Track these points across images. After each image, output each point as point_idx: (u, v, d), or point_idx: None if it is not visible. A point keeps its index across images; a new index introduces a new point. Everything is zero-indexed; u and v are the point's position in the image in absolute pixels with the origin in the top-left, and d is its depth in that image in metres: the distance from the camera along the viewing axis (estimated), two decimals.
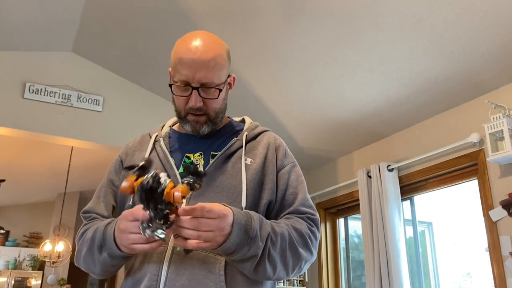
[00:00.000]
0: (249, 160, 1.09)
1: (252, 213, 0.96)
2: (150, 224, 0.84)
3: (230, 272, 0.98)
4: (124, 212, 0.93)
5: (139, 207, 0.88)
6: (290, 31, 2.69)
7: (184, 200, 0.87)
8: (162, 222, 0.83)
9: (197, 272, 0.96)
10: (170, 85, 1.08)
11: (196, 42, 1.06)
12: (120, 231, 0.93)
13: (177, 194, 0.80)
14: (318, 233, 1.10)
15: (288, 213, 1.09)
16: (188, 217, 0.86)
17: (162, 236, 0.84)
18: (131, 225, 0.90)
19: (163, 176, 0.82)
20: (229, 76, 1.14)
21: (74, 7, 2.95)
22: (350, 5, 2.40)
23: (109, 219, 1.03)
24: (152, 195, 0.81)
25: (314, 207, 1.13)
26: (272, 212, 1.10)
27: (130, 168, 0.87)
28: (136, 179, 0.83)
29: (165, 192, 0.81)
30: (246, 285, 1.00)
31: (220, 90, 1.08)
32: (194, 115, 1.10)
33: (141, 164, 0.85)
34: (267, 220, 0.99)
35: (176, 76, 1.06)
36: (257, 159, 1.10)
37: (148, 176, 0.82)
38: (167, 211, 0.83)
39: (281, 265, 0.98)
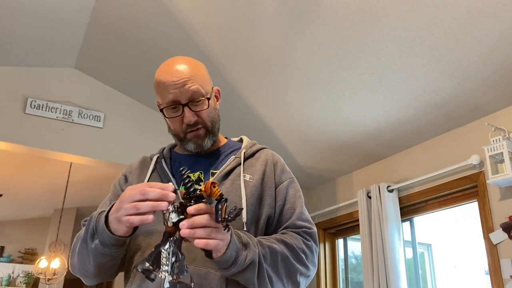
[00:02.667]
0: (248, 177, 1.12)
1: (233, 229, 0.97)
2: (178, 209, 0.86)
3: None
4: (133, 185, 0.90)
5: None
6: (291, 51, 2.72)
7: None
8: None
9: None
10: (162, 110, 1.12)
11: (173, 65, 1.11)
12: (121, 201, 0.89)
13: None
14: (315, 246, 1.10)
15: (285, 228, 1.10)
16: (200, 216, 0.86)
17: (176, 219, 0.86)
18: (135, 192, 0.87)
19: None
20: (212, 88, 1.18)
21: (78, 24, 2.98)
22: (351, 27, 2.43)
23: (103, 209, 1.01)
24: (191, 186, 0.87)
25: (311, 220, 1.15)
26: (271, 227, 1.12)
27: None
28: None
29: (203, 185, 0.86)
30: None
31: (208, 99, 1.11)
32: (193, 131, 1.12)
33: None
34: (252, 236, 1.00)
35: (163, 101, 1.11)
36: (255, 175, 1.13)
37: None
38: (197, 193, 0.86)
39: (276, 277, 0.99)
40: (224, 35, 2.76)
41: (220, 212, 0.84)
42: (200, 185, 0.87)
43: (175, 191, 0.88)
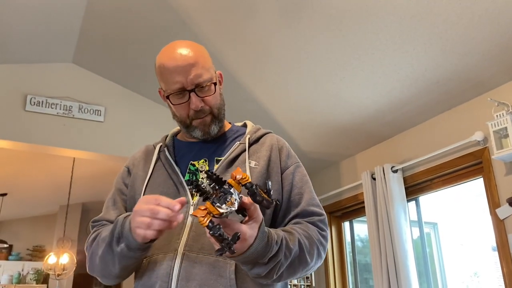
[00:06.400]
0: (253, 163, 1.10)
1: (269, 229, 0.95)
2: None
3: (240, 275, 0.98)
4: (147, 196, 0.92)
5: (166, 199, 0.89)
6: (290, 35, 2.69)
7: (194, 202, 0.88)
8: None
9: (207, 277, 0.96)
10: (167, 97, 1.09)
11: (175, 49, 1.08)
12: (133, 213, 0.93)
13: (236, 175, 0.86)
14: (328, 233, 1.10)
15: (296, 215, 1.09)
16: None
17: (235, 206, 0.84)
18: (145, 208, 0.89)
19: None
20: (215, 73, 1.15)
21: (73, 18, 2.96)
22: (349, 7, 2.40)
23: (129, 212, 1.02)
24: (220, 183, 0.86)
25: (321, 205, 1.14)
26: (279, 213, 1.11)
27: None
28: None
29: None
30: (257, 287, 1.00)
31: (215, 84, 1.10)
32: (199, 118, 1.10)
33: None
34: (281, 234, 0.97)
35: (168, 87, 1.07)
36: (261, 161, 1.11)
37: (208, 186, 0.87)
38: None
39: (289, 274, 1.00)
40: (220, 22, 2.73)
41: (257, 194, 0.84)
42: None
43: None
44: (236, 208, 0.84)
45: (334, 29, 2.57)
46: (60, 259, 4.93)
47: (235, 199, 0.83)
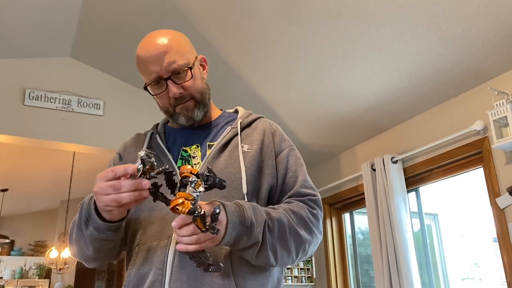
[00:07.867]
0: (246, 147, 1.10)
1: (243, 202, 0.95)
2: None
3: (235, 261, 0.98)
4: (102, 173, 0.88)
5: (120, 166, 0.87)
6: (288, 27, 2.68)
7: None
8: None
9: None
10: (146, 88, 1.10)
11: (150, 39, 1.09)
12: (95, 194, 0.89)
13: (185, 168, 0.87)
14: (320, 213, 1.10)
15: (289, 197, 1.09)
16: (184, 227, 0.86)
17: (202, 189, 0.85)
18: (105, 185, 0.85)
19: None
20: (196, 57, 1.14)
21: (71, 12, 2.94)
22: None
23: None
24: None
25: (315, 187, 1.14)
26: (274, 196, 1.11)
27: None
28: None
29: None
30: (252, 273, 1.00)
31: (191, 68, 1.08)
32: (181, 104, 1.10)
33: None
34: (262, 207, 0.98)
35: (146, 78, 1.08)
36: (254, 145, 1.11)
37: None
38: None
39: (283, 250, 0.99)
40: (220, 15, 2.72)
41: (197, 226, 0.83)
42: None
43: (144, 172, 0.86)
44: (204, 189, 0.84)
45: (333, 20, 2.56)
46: (62, 253, 4.95)
47: (200, 183, 0.84)
